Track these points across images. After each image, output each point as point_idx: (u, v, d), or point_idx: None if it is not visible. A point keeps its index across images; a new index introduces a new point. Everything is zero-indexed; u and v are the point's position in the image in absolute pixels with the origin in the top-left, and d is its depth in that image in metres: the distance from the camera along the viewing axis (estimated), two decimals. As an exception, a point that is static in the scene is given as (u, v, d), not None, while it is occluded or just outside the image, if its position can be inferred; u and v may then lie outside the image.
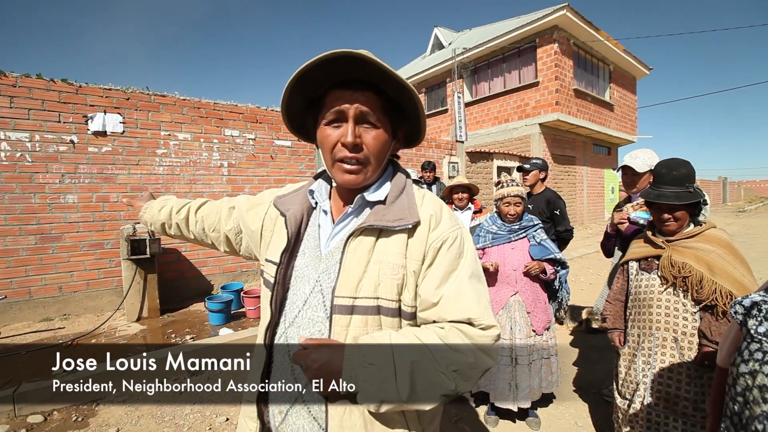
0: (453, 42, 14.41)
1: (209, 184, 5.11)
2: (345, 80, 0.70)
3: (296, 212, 0.78)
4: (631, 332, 1.68)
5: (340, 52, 0.64)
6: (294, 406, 0.71)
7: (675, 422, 1.47)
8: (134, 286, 4.00)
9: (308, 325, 0.71)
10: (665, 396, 1.50)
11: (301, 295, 0.73)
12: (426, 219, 0.73)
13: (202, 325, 3.90)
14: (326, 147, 0.72)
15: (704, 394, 1.44)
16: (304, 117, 0.79)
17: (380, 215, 0.72)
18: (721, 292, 1.44)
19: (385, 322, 0.70)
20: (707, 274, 1.49)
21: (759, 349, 0.77)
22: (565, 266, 2.09)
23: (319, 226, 0.79)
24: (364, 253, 0.70)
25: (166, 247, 4.65)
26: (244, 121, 5.37)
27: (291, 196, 0.83)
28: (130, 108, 4.55)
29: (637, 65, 13.32)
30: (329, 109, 0.70)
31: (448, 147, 8.38)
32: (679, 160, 1.61)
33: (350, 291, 0.69)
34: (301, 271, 0.75)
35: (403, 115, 0.77)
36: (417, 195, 0.78)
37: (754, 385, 0.76)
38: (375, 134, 0.71)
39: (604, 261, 6.80)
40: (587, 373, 2.84)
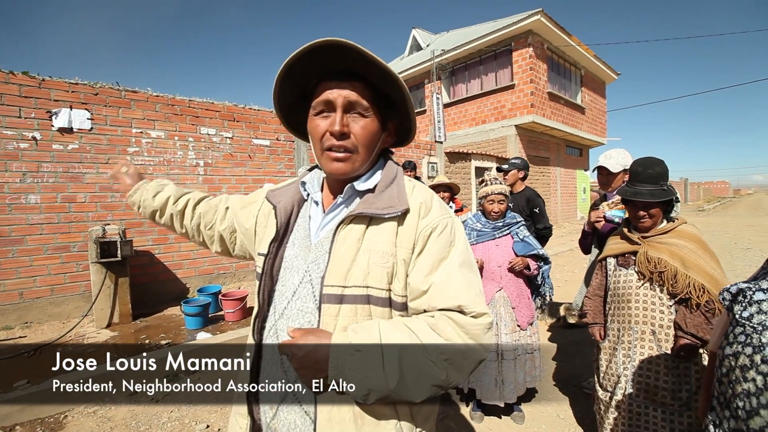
0: (431, 44, 14.55)
1: (184, 184, 4.93)
2: (334, 72, 0.71)
3: (286, 203, 0.79)
4: (611, 326, 1.73)
5: (325, 40, 0.65)
6: (285, 400, 0.70)
7: (654, 411, 1.53)
8: (104, 291, 3.80)
9: (298, 316, 0.71)
10: (645, 387, 1.56)
11: (290, 286, 0.73)
12: (416, 207, 0.72)
13: (178, 329, 3.76)
14: (315, 137, 0.73)
15: (681, 383, 1.50)
16: (297, 112, 0.80)
17: (369, 203, 0.72)
18: (695, 285, 1.51)
19: (375, 311, 0.69)
20: (681, 268, 1.55)
21: (742, 333, 0.82)
22: (547, 261, 2.14)
23: (310, 217, 0.79)
24: (353, 242, 0.70)
25: (139, 249, 4.47)
26: (221, 120, 5.23)
27: (283, 189, 0.84)
28: (98, 104, 4.34)
29: (606, 70, 13.88)
30: (318, 100, 0.71)
31: (427, 147, 8.45)
32: (654, 159, 1.67)
33: (339, 280, 0.68)
34: (290, 261, 0.75)
35: (392, 107, 0.77)
36: (407, 185, 0.77)
37: (737, 366, 0.80)
38: (363, 123, 0.72)
39: (579, 258, 7.05)
40: (566, 367, 2.92)
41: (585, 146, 14.86)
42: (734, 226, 12.56)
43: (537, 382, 2.23)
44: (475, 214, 2.29)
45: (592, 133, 13.84)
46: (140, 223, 4.60)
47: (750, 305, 0.83)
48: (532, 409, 2.35)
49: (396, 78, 0.70)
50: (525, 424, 2.19)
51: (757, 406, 0.75)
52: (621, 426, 1.61)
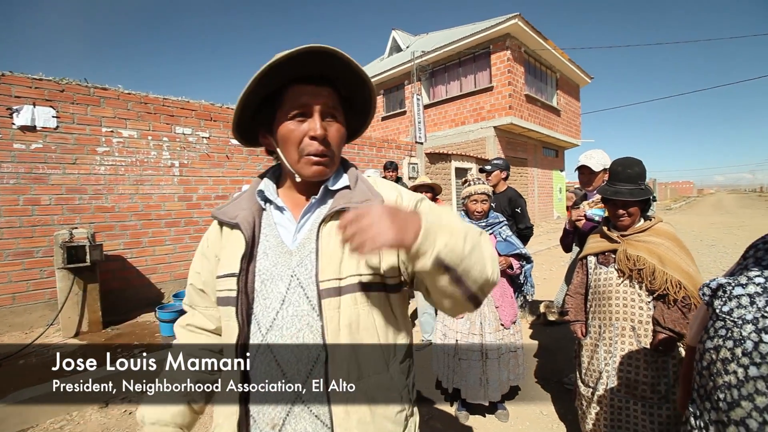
0: (411, 45, 14.64)
1: (158, 185, 4.75)
2: (305, 75, 0.71)
3: (247, 216, 0.75)
4: (593, 323, 1.77)
5: (316, 47, 0.65)
6: (292, 410, 0.67)
7: (635, 405, 1.56)
8: (71, 298, 3.61)
9: (292, 323, 0.69)
10: (626, 381, 1.59)
11: (275, 296, 0.70)
12: (390, 197, 0.77)
13: (153, 337, 3.62)
14: (292, 141, 0.72)
15: (659, 377, 1.54)
16: (252, 115, 0.77)
17: (348, 198, 0.74)
18: (672, 281, 1.56)
19: (372, 298, 0.70)
20: (659, 265, 1.60)
21: (723, 327, 0.84)
22: (529, 261, 2.17)
23: (276, 224, 0.77)
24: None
25: (110, 254, 4.27)
26: (197, 119, 5.07)
27: (234, 204, 0.80)
28: (65, 101, 4.12)
29: (580, 74, 14.33)
30: (294, 103, 0.71)
31: (407, 148, 8.47)
32: (633, 159, 1.72)
33: (334, 273, 0.69)
34: (268, 273, 0.72)
35: (350, 110, 0.80)
36: (370, 180, 0.81)
37: (718, 359, 0.83)
38: (337, 127, 0.74)
39: (557, 257, 7.23)
40: (548, 364, 2.97)
41: (561, 147, 15.29)
42: (699, 224, 13.20)
43: (520, 380, 2.25)
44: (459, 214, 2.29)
45: (568, 135, 14.25)
46: (111, 226, 4.41)
47: (730, 300, 0.85)
48: (516, 406, 2.37)
49: (370, 86, 0.75)
50: (509, 422, 2.21)
51: (738, 397, 0.77)
52: (603, 420, 1.64)
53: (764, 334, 0.75)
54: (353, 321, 0.68)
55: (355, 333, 0.68)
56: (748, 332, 0.78)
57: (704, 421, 0.88)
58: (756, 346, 0.76)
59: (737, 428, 0.78)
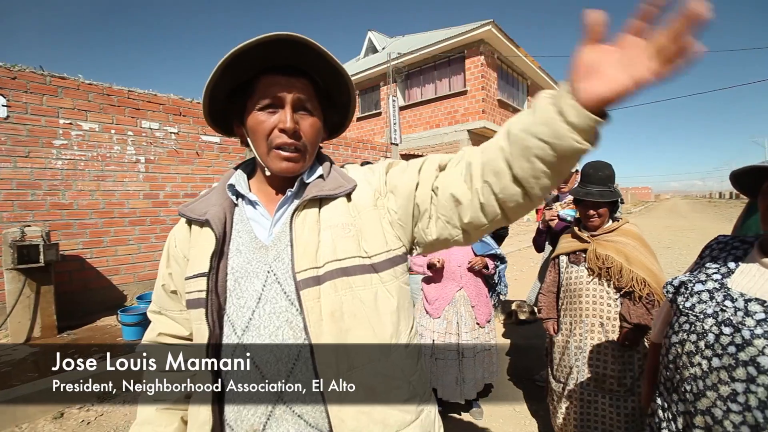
0: (387, 47, 14.70)
1: (122, 182, 4.51)
2: (277, 66, 0.68)
3: (218, 212, 0.71)
4: (564, 320, 1.82)
5: (284, 34, 0.62)
6: (273, 412, 0.63)
7: (603, 398, 1.63)
8: (22, 301, 3.35)
9: (270, 321, 0.65)
10: (595, 376, 1.65)
11: (251, 294, 0.66)
12: (361, 179, 0.74)
13: (114, 341, 3.42)
14: (260, 133, 0.69)
15: (625, 371, 1.61)
16: (225, 104, 0.74)
17: (320, 187, 0.72)
18: (637, 279, 1.64)
19: (355, 281, 0.66)
20: (625, 264, 1.67)
21: (686, 321, 0.89)
22: (503, 261, 2.21)
23: (249, 219, 0.74)
24: (313, 224, 0.68)
25: (67, 254, 4.01)
26: (165, 113, 4.85)
27: (203, 200, 0.75)
28: (17, 89, 3.83)
29: (550, 82, 14.87)
30: (263, 94, 0.68)
31: (383, 149, 8.49)
32: (603, 162, 1.79)
33: (310, 262, 0.65)
34: (242, 270, 0.68)
35: (330, 104, 0.76)
36: (342, 169, 0.79)
37: (683, 353, 0.87)
38: (311, 122, 0.71)
39: (526, 258, 7.44)
40: (519, 362, 3.05)
41: (530, 152, 15.80)
42: (656, 227, 14.00)
43: (494, 378, 2.30)
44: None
45: (537, 140, 14.75)
46: (68, 224, 4.14)
47: (692, 296, 0.91)
48: (490, 404, 2.41)
49: (346, 77, 0.70)
50: (483, 420, 2.24)
51: (703, 388, 0.81)
52: (573, 414, 1.69)
53: (724, 327, 0.80)
54: (336, 309, 0.64)
55: (339, 321, 0.63)
56: (709, 325, 0.83)
57: (672, 412, 0.92)
58: (717, 338, 0.80)
59: (704, 417, 0.82)
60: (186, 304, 0.71)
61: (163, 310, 0.79)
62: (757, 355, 0.75)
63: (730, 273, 0.88)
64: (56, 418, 2.26)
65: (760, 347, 0.75)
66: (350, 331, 0.64)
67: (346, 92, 0.75)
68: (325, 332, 0.63)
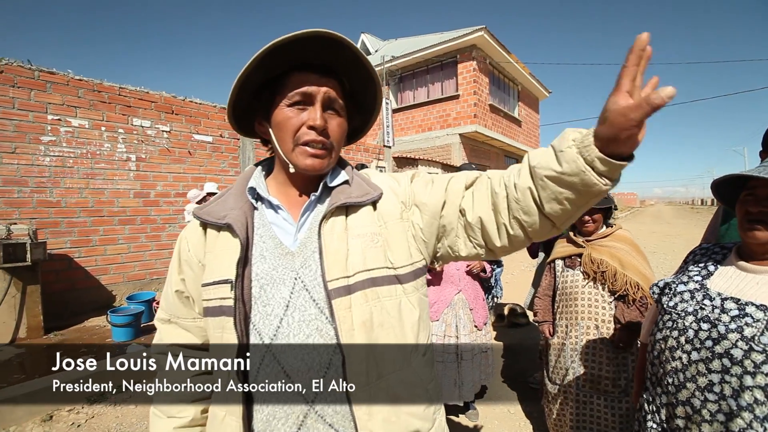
0: (380, 49, 14.74)
1: (112, 180, 4.43)
2: (310, 64, 0.67)
3: (239, 216, 0.69)
4: (560, 323, 1.86)
5: (323, 31, 0.61)
6: (305, 422, 0.63)
7: (598, 399, 1.67)
8: (8, 301, 3.27)
9: (300, 329, 0.64)
10: (590, 377, 1.69)
11: (278, 302, 0.65)
12: (387, 188, 0.74)
13: (103, 342, 3.35)
14: (288, 129, 0.67)
15: (620, 372, 1.66)
16: (250, 100, 0.72)
17: (347, 193, 0.71)
18: (631, 283, 1.69)
19: (381, 292, 0.67)
20: (619, 268, 1.72)
21: (669, 319, 0.96)
22: (500, 264, 2.25)
23: (270, 223, 0.72)
24: (341, 232, 0.68)
25: (54, 253, 3.92)
26: (157, 111, 4.79)
27: (220, 203, 0.73)
28: (3, 83, 3.75)
29: (540, 88, 15.11)
30: (294, 90, 0.66)
31: (375, 151, 8.51)
32: (598, 169, 1.84)
33: (341, 272, 0.65)
34: (268, 276, 0.66)
35: (354, 108, 0.76)
36: (364, 174, 0.79)
37: (666, 348, 0.95)
38: (339, 122, 0.70)
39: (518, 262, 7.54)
40: (513, 365, 3.09)
41: (521, 157, 16.00)
42: (642, 233, 14.31)
43: (490, 380, 2.32)
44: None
45: (528, 145, 14.96)
46: (56, 222, 4.05)
47: (675, 296, 0.98)
48: (485, 406, 2.44)
49: (378, 86, 0.70)
50: (479, 421, 2.27)
51: (683, 380, 0.88)
52: (569, 415, 1.73)
53: (702, 323, 0.88)
54: (367, 319, 0.65)
55: (370, 331, 0.64)
56: (689, 322, 0.90)
57: (656, 405, 0.99)
58: (696, 334, 0.88)
59: (684, 407, 0.88)
60: (204, 312, 0.69)
61: (173, 318, 0.76)
62: (731, 347, 0.82)
63: (710, 275, 0.96)
64: (45, 420, 2.21)
65: (733, 340, 0.82)
66: (378, 341, 0.65)
67: (373, 97, 0.74)
68: (356, 342, 0.63)
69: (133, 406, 2.40)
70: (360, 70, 0.69)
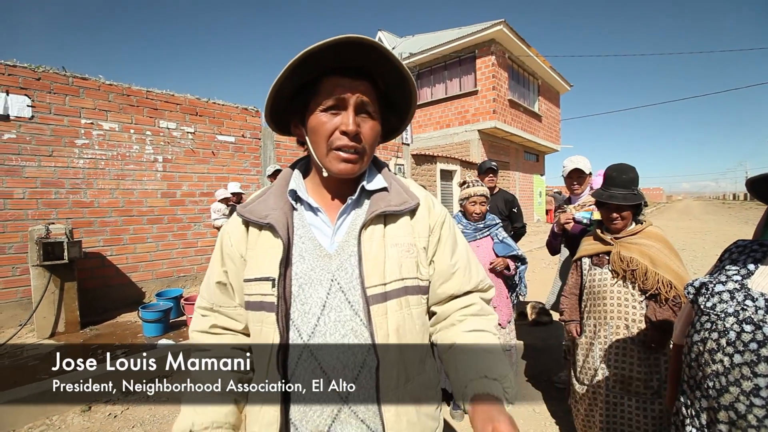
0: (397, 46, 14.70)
1: (141, 181, 4.60)
2: (342, 67, 0.68)
3: (280, 216, 0.71)
4: (587, 323, 1.82)
5: (354, 37, 0.62)
6: (339, 416, 0.66)
7: (629, 401, 1.63)
8: (47, 297, 3.44)
9: (336, 329, 0.67)
10: (620, 378, 1.65)
11: (315, 302, 0.68)
12: (423, 199, 0.78)
13: (135, 337, 3.49)
14: (322, 134, 0.69)
15: (652, 373, 1.61)
16: (287, 105, 0.75)
17: (387, 201, 0.73)
18: (663, 281, 1.63)
19: (412, 300, 0.72)
20: (650, 266, 1.67)
21: (708, 320, 0.92)
22: (524, 262, 2.22)
23: (309, 224, 0.74)
24: (380, 240, 0.71)
25: (88, 251, 4.10)
26: (182, 113, 4.93)
27: (259, 202, 0.75)
28: (41, 90, 3.93)
29: (561, 81, 14.75)
30: (327, 95, 0.68)
31: (394, 149, 8.50)
32: (627, 165, 1.79)
33: (379, 279, 0.68)
34: (306, 276, 0.69)
35: (389, 108, 0.77)
36: (402, 180, 0.81)
37: (705, 350, 0.91)
38: (372, 125, 0.71)
39: (538, 259, 7.41)
40: (537, 364, 3.04)
41: (541, 152, 15.69)
42: (669, 229, 13.80)
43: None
44: (456, 216, 2.32)
45: (548, 140, 14.64)
46: (89, 222, 4.23)
47: (712, 296, 0.94)
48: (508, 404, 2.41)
49: (412, 86, 0.71)
50: (503, 420, 2.24)
51: (726, 384, 0.85)
52: (599, 416, 1.69)
53: (745, 325, 0.84)
54: (400, 326, 0.68)
55: (402, 337, 0.68)
56: (730, 324, 0.86)
57: (695, 409, 0.95)
58: (738, 336, 0.84)
59: (727, 413, 0.85)
60: (245, 305, 0.72)
61: (215, 307, 0.79)
62: None
63: (750, 274, 0.92)
64: (84, 411, 2.32)
65: None
66: (407, 346, 0.69)
67: (407, 97, 0.74)
68: (391, 347, 0.67)
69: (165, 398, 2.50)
70: (393, 71, 0.70)
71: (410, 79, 0.70)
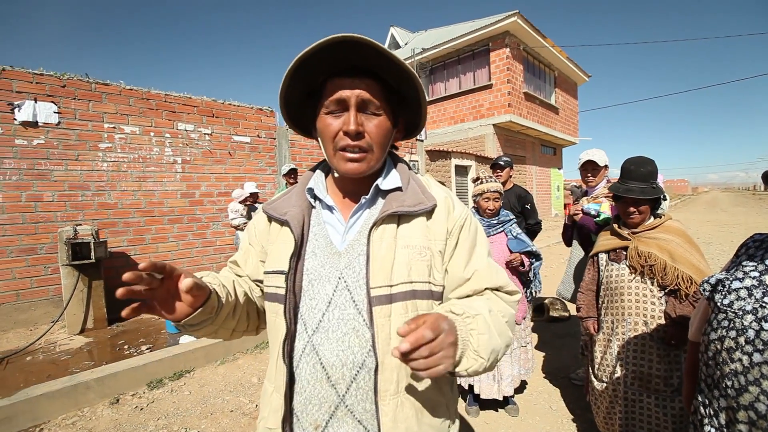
0: (409, 42, 14.61)
1: (161, 182, 4.74)
2: (345, 68, 0.69)
3: (297, 214, 0.74)
4: (605, 319, 1.79)
5: (341, 36, 0.62)
6: (336, 413, 0.67)
7: (648, 398, 1.60)
8: (77, 295, 3.60)
9: (338, 326, 0.68)
10: (639, 375, 1.62)
11: (322, 297, 0.69)
12: (442, 200, 0.75)
13: (159, 333, 3.61)
14: (327, 136, 0.70)
15: (672, 370, 1.57)
16: (302, 109, 0.77)
17: (400, 201, 0.72)
18: (683, 277, 1.59)
19: (420, 305, 0.69)
20: (670, 261, 1.62)
21: (725, 318, 0.89)
22: (539, 258, 2.19)
23: (325, 222, 0.76)
24: (390, 240, 0.70)
25: (113, 251, 4.26)
26: (199, 115, 5.05)
27: (283, 200, 0.79)
28: (66, 96, 4.09)
29: (578, 72, 14.37)
30: (329, 97, 0.69)
31: (408, 145, 8.47)
32: (645, 158, 1.74)
33: (385, 280, 0.67)
34: (316, 272, 0.71)
35: (403, 103, 0.76)
36: (422, 179, 0.80)
37: (723, 348, 0.88)
38: (377, 122, 0.70)
39: (556, 254, 7.29)
40: (553, 360, 3.01)
41: (559, 145, 15.35)
42: (695, 222, 13.32)
43: (529, 375, 2.29)
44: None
45: (566, 133, 14.31)
46: (114, 223, 4.39)
47: (729, 293, 0.91)
48: (525, 401, 2.40)
49: (412, 74, 0.69)
50: (519, 417, 2.24)
51: (745, 383, 0.82)
52: (618, 414, 1.67)
53: (764, 323, 0.81)
54: None
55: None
56: (749, 322, 0.84)
57: (713, 408, 0.93)
58: (758, 334, 0.81)
59: (746, 412, 0.82)
60: (264, 296, 0.76)
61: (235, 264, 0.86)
62: None
63: None
64: (112, 403, 2.43)
65: None
66: None
67: (413, 88, 0.72)
68: (391, 350, 0.66)
69: (187, 392, 2.58)
70: (391, 65, 0.68)
71: (408, 69, 0.69)
